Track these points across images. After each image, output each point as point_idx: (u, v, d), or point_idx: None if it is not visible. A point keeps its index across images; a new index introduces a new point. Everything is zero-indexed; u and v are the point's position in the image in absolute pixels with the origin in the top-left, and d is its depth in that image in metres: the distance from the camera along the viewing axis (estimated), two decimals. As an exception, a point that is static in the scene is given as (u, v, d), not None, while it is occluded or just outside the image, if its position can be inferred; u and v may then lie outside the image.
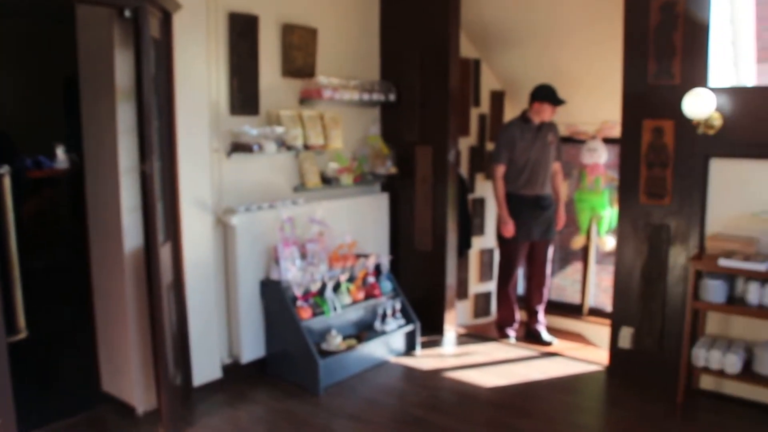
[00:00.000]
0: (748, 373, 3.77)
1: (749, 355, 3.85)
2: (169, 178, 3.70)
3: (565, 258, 7.18)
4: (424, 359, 4.73)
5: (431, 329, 5.15)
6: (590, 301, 5.96)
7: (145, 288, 3.52)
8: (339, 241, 4.53)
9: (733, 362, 3.75)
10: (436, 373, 4.50)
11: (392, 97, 5.11)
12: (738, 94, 3.87)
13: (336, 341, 4.30)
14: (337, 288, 4.44)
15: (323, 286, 4.34)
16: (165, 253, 3.57)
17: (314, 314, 4.21)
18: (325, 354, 4.20)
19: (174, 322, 3.71)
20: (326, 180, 4.76)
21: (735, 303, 3.78)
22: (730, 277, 3.80)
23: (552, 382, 4.39)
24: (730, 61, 4.76)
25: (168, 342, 3.46)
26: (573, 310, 6.01)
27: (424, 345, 4.95)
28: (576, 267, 6.87)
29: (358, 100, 4.85)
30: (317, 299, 4.28)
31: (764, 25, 6.51)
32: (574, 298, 6.34)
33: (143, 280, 3.53)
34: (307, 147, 4.49)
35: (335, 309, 4.31)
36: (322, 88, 4.54)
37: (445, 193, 5.05)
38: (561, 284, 7.25)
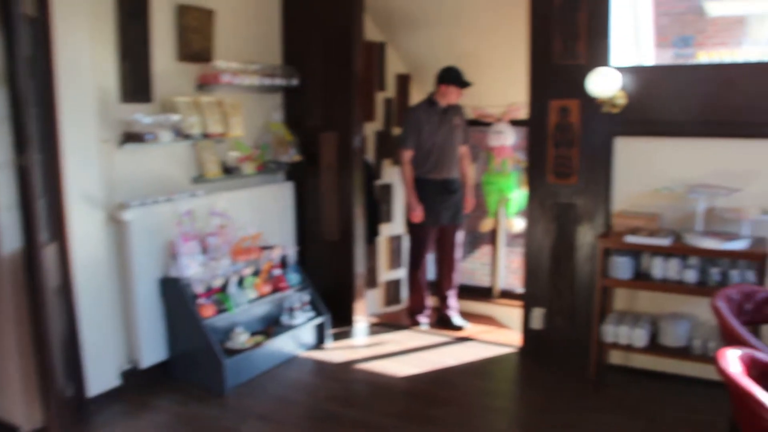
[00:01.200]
0: (654, 346, 3.84)
1: (655, 328, 3.92)
2: (52, 171, 3.38)
3: (474, 241, 7.21)
4: (335, 352, 4.59)
5: (341, 320, 5.02)
6: (501, 284, 5.98)
7: (26, 294, 3.22)
8: (242, 234, 4.32)
9: (640, 336, 3.80)
10: (347, 366, 4.37)
11: (295, 82, 4.93)
12: (641, 73, 3.90)
13: (241, 338, 4.10)
14: (241, 282, 4.23)
15: (226, 282, 4.13)
16: (49, 254, 3.27)
17: (218, 311, 4.00)
18: (231, 352, 3.99)
19: (62, 329, 3.41)
20: (227, 170, 4.53)
21: (641, 278, 3.83)
22: (636, 253, 3.84)
23: (466, 367, 4.35)
24: (632, 44, 4.84)
25: (55, 351, 3.18)
26: (484, 294, 6.02)
27: (335, 337, 4.81)
28: (485, 250, 6.90)
29: (259, 85, 4.64)
30: (220, 295, 4.06)
31: (662, 10, 6.70)
32: (484, 281, 6.36)
33: (24, 285, 3.23)
34: (205, 135, 4.24)
35: (240, 305, 4.11)
36: (221, 73, 4.30)
37: (351, 180, 4.92)
38: (471, 268, 7.28)
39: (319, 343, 4.68)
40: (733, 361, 1.99)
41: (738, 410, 1.92)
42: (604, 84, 3.76)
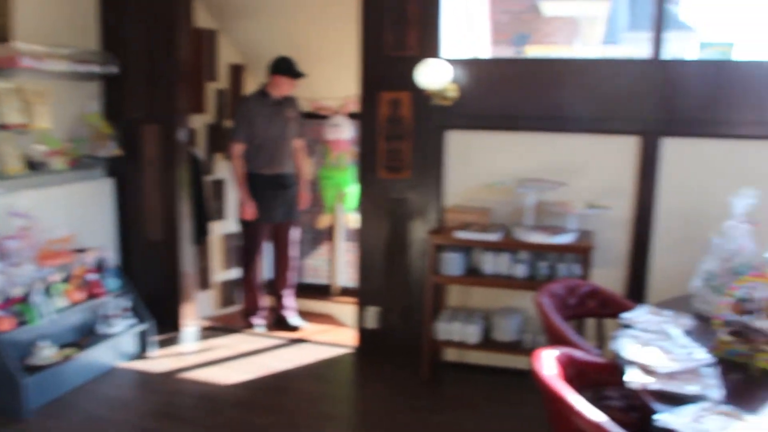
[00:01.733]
0: (487, 342, 3.82)
1: (488, 324, 3.90)
2: None
3: (317, 238, 7.01)
4: (159, 361, 4.24)
5: (168, 326, 4.66)
6: (341, 281, 5.82)
7: None
8: (50, 236, 3.87)
9: (472, 333, 3.76)
10: (172, 375, 4.04)
11: (114, 69, 4.50)
12: (472, 66, 3.86)
13: (46, 353, 3.65)
14: (48, 290, 3.78)
15: (29, 290, 3.67)
16: None
17: (18, 324, 3.54)
18: (34, 369, 3.55)
19: None
20: (32, 165, 4.04)
21: (472, 274, 3.79)
22: (468, 248, 3.80)
23: (299, 371, 4.15)
24: (469, 39, 4.83)
25: None
26: (323, 292, 5.83)
27: (161, 344, 4.45)
28: (328, 247, 6.72)
29: (72, 72, 4.17)
30: (21, 306, 3.60)
31: (500, 8, 6.80)
32: (326, 278, 6.18)
33: None
34: (3, 126, 3.76)
35: (46, 315, 3.67)
36: (20, 56, 3.81)
37: (176, 175, 4.57)
38: (314, 265, 7.07)
39: (141, 352, 4.30)
40: (547, 362, 1.92)
41: (550, 413, 1.84)
42: (434, 76, 3.67)
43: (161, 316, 4.53)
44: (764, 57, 3.59)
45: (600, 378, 2.15)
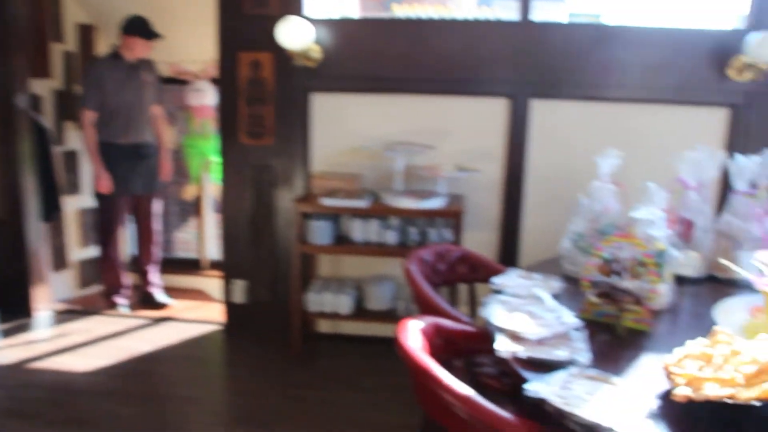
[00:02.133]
0: (360, 312, 3.71)
1: (360, 293, 3.79)
2: None
3: (185, 210, 6.67)
4: (4, 351, 3.86)
5: (18, 312, 4.27)
6: (210, 254, 5.55)
7: None
8: None
9: (344, 303, 3.65)
10: (19, 366, 3.68)
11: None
12: (336, 26, 3.67)
13: None
14: None
15: None
16: None
17: None
18: None
19: None
20: None
21: (341, 243, 3.65)
22: (335, 216, 3.65)
23: (164, 352, 3.89)
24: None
25: None
26: (193, 266, 5.55)
27: (6, 333, 4.06)
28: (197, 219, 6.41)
29: None
30: None
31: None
32: (196, 252, 5.88)
33: None
34: None
35: None
36: None
37: (17, 147, 4.14)
38: (184, 238, 6.74)
39: (-17, 343, 3.92)
40: (412, 333, 1.80)
41: (416, 387, 1.73)
42: (296, 35, 3.46)
43: (8, 302, 4.13)
44: (629, 22, 3.60)
45: (471, 346, 2.07)
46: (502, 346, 1.76)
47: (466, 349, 2.06)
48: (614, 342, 1.91)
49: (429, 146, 3.59)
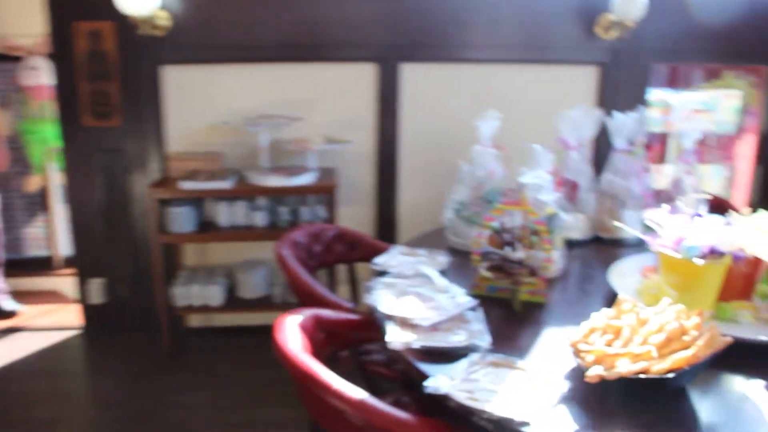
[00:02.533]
0: (233, 301, 3.43)
1: (232, 281, 3.50)
2: None
3: (33, 203, 6.06)
4: None
5: None
6: (63, 250, 5.04)
7: None
8: None
9: (215, 294, 3.35)
10: None
11: None
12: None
13: None
14: None
15: None
16: None
17: None
18: None
19: None
20: None
21: (207, 229, 3.33)
22: (198, 200, 3.33)
23: (16, 367, 3.43)
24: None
25: None
26: (44, 265, 5.02)
27: None
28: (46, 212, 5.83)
29: None
30: None
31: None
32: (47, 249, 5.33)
33: None
34: None
35: None
36: None
37: None
38: (35, 234, 6.13)
39: None
40: (290, 332, 1.56)
41: (301, 393, 1.51)
42: (138, 0, 3.08)
43: None
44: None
45: (356, 336, 1.86)
46: (393, 336, 1.56)
47: (352, 339, 1.86)
48: (512, 318, 1.76)
49: (295, 118, 3.34)
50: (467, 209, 2.34)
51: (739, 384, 1.46)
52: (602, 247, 2.42)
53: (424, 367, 1.47)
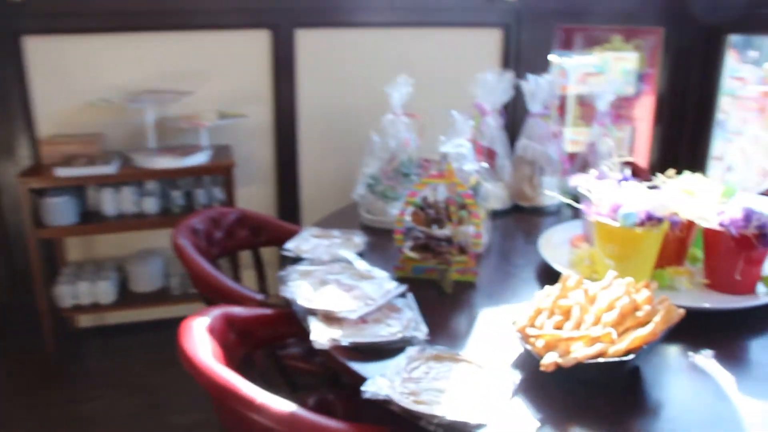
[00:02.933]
0: (126, 297, 3.13)
1: (124, 275, 3.20)
2: None
3: None
4: None
5: None
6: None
7: None
8: None
9: (105, 290, 3.04)
10: None
11: None
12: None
13: None
14: None
15: None
16: None
17: None
18: None
19: None
20: None
21: (90, 219, 3.00)
22: (78, 188, 2.98)
23: None
24: None
25: None
26: None
27: None
28: None
29: None
30: None
31: None
32: None
33: None
34: None
35: None
36: None
37: None
38: None
39: None
40: (199, 338, 1.35)
41: (219, 410, 1.30)
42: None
43: None
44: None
45: (272, 333, 1.65)
46: (318, 334, 1.37)
47: (267, 337, 1.65)
48: (443, 302, 1.61)
49: (184, 92, 3.05)
50: (380, 183, 2.16)
51: (687, 356, 1.37)
52: (522, 217, 2.32)
53: (357, 366, 1.29)
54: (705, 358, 1.35)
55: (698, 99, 3.76)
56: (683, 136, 3.85)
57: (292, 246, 1.89)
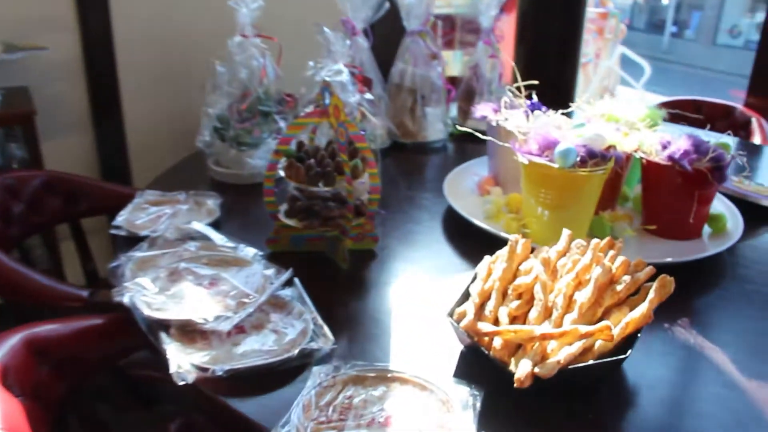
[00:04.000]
0: None
1: None
2: None
3: None
4: None
5: None
6: None
7: None
8: None
9: None
10: None
11: None
12: None
13: None
14: None
15: None
16: None
17: None
18: None
19: None
20: None
21: None
22: None
23: None
24: None
25: None
26: None
27: None
28: None
29: None
30: None
31: None
32: None
33: None
34: None
35: None
36: None
37: None
38: None
39: None
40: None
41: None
42: None
43: None
44: None
45: (107, 350, 1.17)
46: (178, 363, 0.92)
47: (100, 357, 1.17)
48: (341, 285, 1.20)
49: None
50: (231, 127, 1.68)
51: (665, 327, 1.07)
52: (404, 156, 1.93)
53: (241, 404, 0.87)
54: (687, 331, 1.06)
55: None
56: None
57: (122, 220, 1.38)
